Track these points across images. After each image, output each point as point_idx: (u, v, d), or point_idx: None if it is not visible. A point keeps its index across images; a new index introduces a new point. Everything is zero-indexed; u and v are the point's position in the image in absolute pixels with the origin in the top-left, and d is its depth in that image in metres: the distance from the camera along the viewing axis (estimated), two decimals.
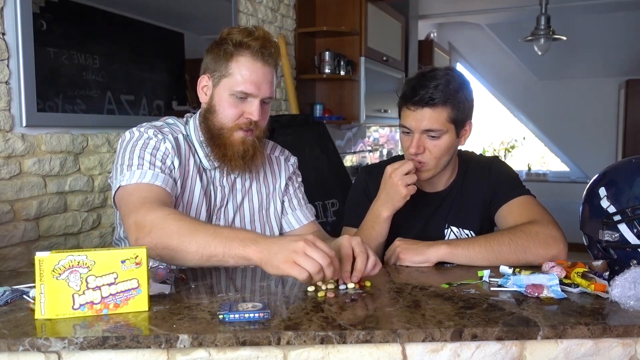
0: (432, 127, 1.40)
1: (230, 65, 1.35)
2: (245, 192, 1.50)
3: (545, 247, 1.32)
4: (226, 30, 1.40)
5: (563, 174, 6.70)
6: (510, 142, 6.95)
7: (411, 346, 0.94)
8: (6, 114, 1.68)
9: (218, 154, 1.39)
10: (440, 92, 1.38)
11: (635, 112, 5.61)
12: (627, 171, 1.24)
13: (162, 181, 1.30)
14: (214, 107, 1.38)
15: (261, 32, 1.38)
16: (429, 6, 5.51)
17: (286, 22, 3.41)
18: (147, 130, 1.37)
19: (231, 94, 1.36)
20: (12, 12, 1.67)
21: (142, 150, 1.33)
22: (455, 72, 1.46)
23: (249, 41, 1.35)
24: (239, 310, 0.97)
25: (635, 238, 1.16)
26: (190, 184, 1.41)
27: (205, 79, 1.41)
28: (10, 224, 1.71)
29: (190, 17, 2.54)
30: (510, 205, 1.47)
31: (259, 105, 1.37)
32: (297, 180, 1.63)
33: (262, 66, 1.36)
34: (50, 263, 0.97)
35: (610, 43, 5.81)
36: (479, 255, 1.32)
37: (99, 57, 1.99)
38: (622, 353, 0.96)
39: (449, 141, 1.43)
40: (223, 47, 1.36)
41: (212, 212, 1.45)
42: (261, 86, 1.36)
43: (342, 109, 3.82)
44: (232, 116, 1.37)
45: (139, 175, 1.29)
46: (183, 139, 1.43)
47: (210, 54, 1.40)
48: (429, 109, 1.39)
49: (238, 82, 1.35)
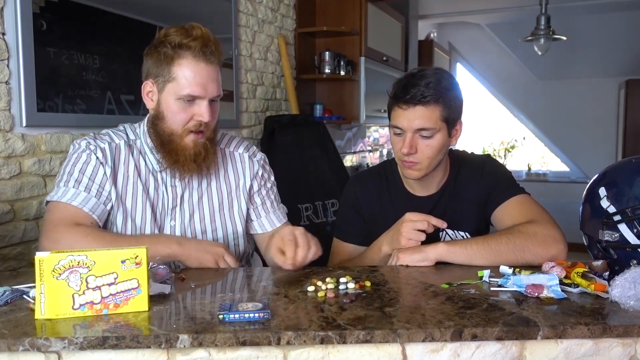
0: (425, 125, 1.39)
1: (173, 70, 1.32)
2: (203, 190, 1.48)
3: (544, 247, 1.31)
4: (163, 31, 1.36)
5: (563, 174, 6.69)
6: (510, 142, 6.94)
7: (411, 346, 0.94)
8: (6, 114, 1.68)
9: (170, 160, 1.38)
10: (432, 89, 1.37)
11: (635, 112, 5.61)
12: (627, 171, 1.24)
13: (80, 201, 1.33)
14: (162, 113, 1.36)
15: (199, 31, 1.34)
16: (429, 6, 5.51)
17: (286, 22, 3.41)
18: (81, 142, 1.40)
19: (178, 98, 1.33)
20: (12, 12, 1.67)
21: (72, 166, 1.37)
22: (444, 72, 1.46)
23: (189, 42, 1.32)
24: (239, 310, 0.97)
25: (635, 238, 1.16)
26: (132, 189, 1.41)
27: (149, 84, 1.38)
28: (10, 224, 1.71)
29: (190, 17, 2.51)
30: (507, 205, 1.46)
31: (207, 105, 1.34)
32: (269, 180, 1.58)
33: (205, 66, 1.33)
34: (50, 263, 0.97)
35: (610, 43, 5.81)
36: (477, 254, 1.32)
37: (99, 57, 1.99)
38: (622, 353, 0.96)
39: (441, 140, 1.42)
40: (162, 50, 1.33)
41: (164, 212, 1.44)
42: (207, 86, 1.33)
43: (342, 109, 3.82)
44: (181, 121, 1.35)
45: (62, 193, 1.33)
46: (125, 144, 1.43)
47: (150, 58, 1.36)
48: (421, 107, 1.38)
49: (183, 85, 1.32)
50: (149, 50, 1.37)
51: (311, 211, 3.02)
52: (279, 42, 3.29)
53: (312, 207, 3.03)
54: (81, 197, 1.33)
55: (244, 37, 2.97)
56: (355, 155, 4.29)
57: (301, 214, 2.96)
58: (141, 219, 1.41)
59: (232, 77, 2.87)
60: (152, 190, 1.43)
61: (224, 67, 2.80)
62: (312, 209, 3.03)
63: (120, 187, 1.40)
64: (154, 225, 1.42)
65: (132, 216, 1.40)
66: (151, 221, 1.42)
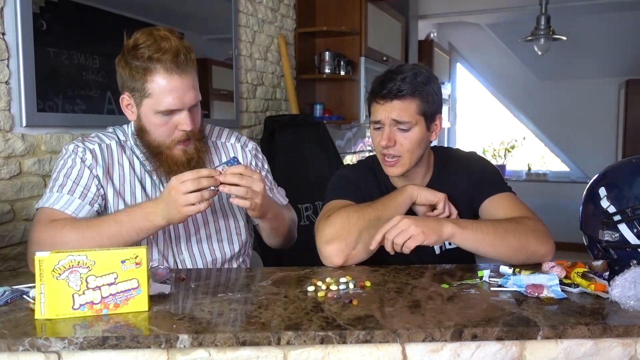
0: (402, 118, 1.40)
1: (147, 85, 1.30)
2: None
3: (543, 243, 1.31)
4: (132, 40, 1.32)
5: (563, 174, 6.69)
6: (510, 142, 6.93)
7: (411, 346, 0.94)
8: (6, 114, 1.68)
9: (164, 170, 1.38)
10: (408, 84, 1.39)
11: (635, 112, 5.60)
12: (627, 171, 1.24)
13: (63, 203, 1.32)
14: (145, 127, 1.35)
15: (168, 43, 1.29)
16: (429, 6, 5.50)
17: (286, 22, 3.41)
18: (68, 146, 1.40)
19: (156, 112, 1.32)
20: (12, 12, 1.67)
21: (58, 172, 1.37)
22: (422, 67, 1.46)
23: (159, 56, 1.28)
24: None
25: (635, 238, 1.16)
26: (130, 186, 1.41)
27: (126, 98, 1.36)
28: (10, 224, 1.71)
29: (190, 17, 2.54)
30: (496, 199, 1.45)
31: (187, 115, 1.33)
32: (263, 168, 1.59)
33: (179, 77, 1.30)
34: (50, 263, 0.97)
35: (610, 43, 5.81)
36: (486, 239, 1.29)
37: (99, 57, 1.99)
38: (622, 353, 0.96)
39: (419, 134, 1.42)
40: (134, 63, 1.30)
41: None
42: (184, 97, 1.31)
43: (342, 109, 3.82)
44: (165, 133, 1.34)
45: (46, 199, 1.33)
46: (116, 144, 1.43)
47: (123, 71, 1.33)
48: (397, 101, 1.40)
49: (160, 100, 1.30)
50: (120, 61, 1.34)
51: (311, 211, 3.02)
52: (279, 42, 3.29)
53: (312, 207, 3.03)
54: (63, 200, 1.32)
55: (244, 37, 2.97)
56: (355, 155, 4.28)
57: (301, 214, 2.96)
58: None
59: (232, 77, 2.87)
60: (149, 188, 1.43)
61: (224, 67, 2.81)
62: (312, 209, 3.03)
63: (117, 184, 1.40)
64: None
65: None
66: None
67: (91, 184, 1.36)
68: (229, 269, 1.46)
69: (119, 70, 1.35)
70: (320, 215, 1.46)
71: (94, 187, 1.37)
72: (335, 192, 1.52)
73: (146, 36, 1.31)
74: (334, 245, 1.34)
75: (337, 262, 1.33)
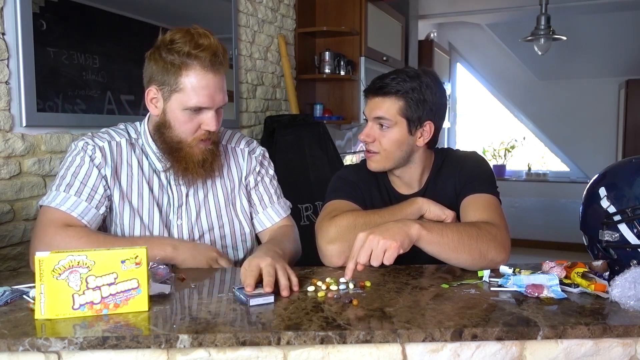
0: (382, 115, 1.42)
1: (180, 80, 1.29)
2: (209, 188, 1.48)
3: (499, 252, 1.28)
4: (168, 35, 1.32)
5: (563, 174, 6.69)
6: (510, 142, 6.93)
7: (411, 346, 0.94)
8: (6, 114, 1.68)
9: (179, 167, 1.38)
10: (396, 84, 1.41)
11: (635, 112, 5.60)
12: (627, 171, 1.24)
13: (69, 205, 1.31)
14: (169, 123, 1.34)
15: (207, 40, 1.30)
16: (429, 6, 5.50)
17: (286, 22, 3.41)
18: (78, 143, 1.38)
19: (184, 108, 1.31)
20: (12, 12, 1.67)
21: (66, 169, 1.36)
22: (427, 73, 1.46)
23: (197, 52, 1.28)
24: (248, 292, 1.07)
25: (635, 238, 1.16)
26: (137, 188, 1.41)
27: (153, 90, 1.34)
28: (10, 224, 1.71)
29: (190, 17, 2.53)
30: (473, 198, 1.43)
31: (214, 115, 1.34)
32: (268, 174, 1.57)
33: (213, 77, 1.31)
34: (50, 263, 0.97)
35: (610, 43, 5.81)
36: (450, 244, 1.26)
37: (99, 57, 1.99)
38: (622, 353, 0.96)
39: (397, 135, 1.43)
40: (169, 58, 1.29)
41: (169, 211, 1.43)
42: (215, 97, 1.32)
43: (342, 109, 3.82)
44: (189, 130, 1.34)
45: (52, 197, 1.32)
46: (127, 143, 1.42)
47: (155, 64, 1.32)
48: (380, 97, 1.43)
49: (190, 97, 1.30)
50: (154, 54, 1.33)
51: (311, 211, 3.02)
52: (279, 42, 3.29)
53: (312, 207, 3.03)
54: (70, 202, 1.32)
55: (244, 37, 2.97)
56: (355, 155, 4.28)
57: (301, 214, 2.96)
58: (148, 217, 1.40)
59: (232, 77, 2.87)
60: (156, 190, 1.42)
61: None
62: (312, 209, 3.03)
63: (125, 185, 1.39)
64: (161, 224, 1.41)
65: (139, 214, 1.40)
66: (158, 220, 1.41)
67: (99, 184, 1.36)
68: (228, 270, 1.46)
69: (149, 64, 1.34)
70: (322, 215, 1.45)
71: (102, 188, 1.36)
72: (335, 193, 1.52)
73: (184, 33, 1.31)
74: (336, 245, 1.33)
75: (336, 262, 1.33)
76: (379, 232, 1.19)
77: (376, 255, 1.17)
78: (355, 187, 1.52)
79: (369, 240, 1.18)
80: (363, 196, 1.51)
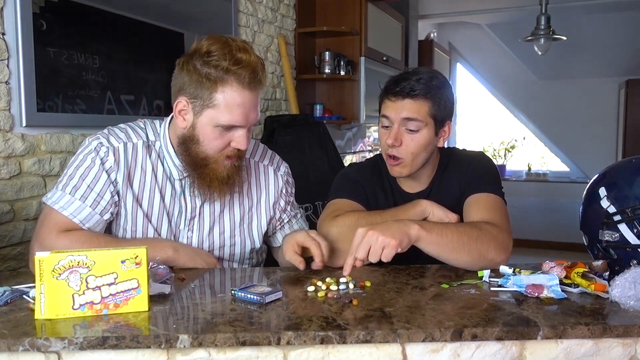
0: (412, 116, 1.40)
1: (215, 96, 1.23)
2: (225, 203, 1.42)
3: (498, 253, 1.28)
4: (204, 45, 1.24)
5: (563, 174, 6.69)
6: (510, 142, 6.93)
7: (411, 346, 0.94)
8: (6, 114, 1.68)
9: (202, 184, 1.32)
10: (423, 85, 1.40)
11: (635, 112, 5.60)
12: (627, 171, 1.24)
13: (72, 211, 1.29)
14: (197, 137, 1.28)
15: (248, 57, 1.23)
16: (429, 6, 5.51)
17: (286, 22, 3.41)
18: (92, 141, 1.33)
19: (216, 125, 1.25)
20: (12, 12, 1.67)
21: (75, 169, 1.31)
22: (438, 73, 1.47)
23: (237, 69, 1.21)
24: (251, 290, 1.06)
25: (635, 238, 1.16)
26: (149, 193, 1.36)
27: (183, 102, 1.27)
28: (10, 224, 1.71)
29: (190, 17, 2.54)
30: (477, 197, 1.43)
31: (245, 133, 1.28)
32: (292, 194, 1.55)
33: (249, 94, 1.24)
34: (50, 263, 0.97)
35: (610, 43, 5.81)
36: (449, 245, 1.26)
37: (99, 57, 1.99)
38: (622, 353, 0.96)
39: (427, 137, 1.42)
40: (204, 71, 1.22)
41: (179, 222, 1.39)
42: (249, 115, 1.26)
43: (342, 109, 3.82)
44: (218, 147, 1.28)
45: (57, 198, 1.29)
46: (143, 145, 1.36)
47: (187, 75, 1.25)
48: (410, 99, 1.40)
49: (224, 114, 1.23)
50: (187, 64, 1.25)
51: (311, 211, 3.02)
52: (279, 42, 3.29)
53: (312, 207, 3.03)
54: (74, 206, 1.29)
55: (244, 37, 2.97)
56: (355, 155, 4.28)
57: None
58: (157, 223, 1.37)
59: None
60: (168, 198, 1.37)
61: None
62: (312, 209, 3.03)
63: (137, 189, 1.35)
64: (169, 233, 1.38)
65: (149, 219, 1.36)
66: (167, 229, 1.38)
67: (106, 190, 1.31)
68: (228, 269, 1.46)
69: (181, 73, 1.27)
70: (325, 214, 1.45)
71: (108, 194, 1.31)
72: (339, 192, 1.51)
73: (222, 44, 1.23)
74: (337, 245, 1.34)
75: (337, 262, 1.33)
76: (379, 229, 1.20)
77: (374, 252, 1.19)
78: (360, 187, 1.51)
79: (367, 236, 1.19)
80: (367, 196, 1.50)
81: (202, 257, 1.38)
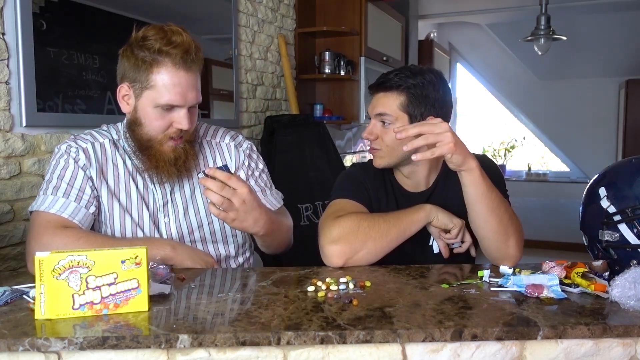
0: (383, 111, 1.41)
1: (151, 77, 1.28)
2: (195, 184, 1.46)
3: (518, 248, 1.32)
4: (141, 32, 1.31)
5: (563, 174, 6.69)
6: (510, 142, 6.94)
7: (411, 346, 0.94)
8: (6, 114, 1.68)
9: (150, 165, 1.37)
10: (399, 79, 1.40)
11: (635, 112, 5.61)
12: (627, 171, 1.24)
13: (59, 207, 1.31)
14: (139, 120, 1.33)
15: (180, 37, 1.29)
16: (429, 6, 5.51)
17: (286, 22, 3.41)
18: (61, 146, 1.39)
19: (156, 106, 1.30)
20: (12, 12, 1.67)
21: (51, 173, 1.37)
22: (431, 70, 1.45)
23: (169, 49, 1.27)
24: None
25: (635, 238, 1.16)
26: (124, 186, 1.41)
27: (124, 88, 1.34)
28: (10, 224, 1.71)
29: (190, 17, 2.54)
30: None
31: (186, 113, 1.32)
32: (257, 167, 1.56)
33: (185, 74, 1.29)
34: (50, 263, 0.97)
35: (610, 43, 5.81)
36: (490, 202, 1.28)
37: (99, 57, 1.99)
38: (622, 353, 0.96)
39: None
40: (140, 54, 1.28)
41: (156, 209, 1.43)
42: (187, 95, 1.30)
43: (342, 109, 3.82)
44: (159, 128, 1.33)
45: (40, 202, 1.32)
46: (110, 143, 1.42)
47: (127, 61, 1.31)
48: (382, 92, 1.42)
49: (162, 94, 1.28)
50: (126, 51, 1.32)
51: (311, 211, 3.02)
52: (279, 42, 3.29)
53: (312, 207, 3.03)
54: (59, 203, 1.31)
55: (244, 37, 2.97)
56: (355, 155, 4.29)
57: (301, 214, 2.96)
58: (138, 215, 1.41)
59: (232, 77, 2.87)
60: (142, 188, 1.42)
61: (224, 67, 2.81)
62: (312, 209, 3.03)
63: (112, 184, 1.40)
64: (150, 222, 1.42)
65: (129, 212, 1.40)
66: (148, 218, 1.42)
67: (85, 185, 1.36)
68: (228, 269, 1.46)
69: (122, 61, 1.34)
70: (327, 214, 1.44)
71: (89, 189, 1.36)
72: (341, 191, 1.51)
73: (157, 29, 1.30)
74: (338, 246, 1.33)
75: (337, 263, 1.33)
76: (452, 131, 1.23)
77: (433, 138, 1.21)
78: (363, 188, 1.51)
79: (441, 124, 1.23)
80: (369, 196, 1.50)
81: (200, 257, 1.39)
